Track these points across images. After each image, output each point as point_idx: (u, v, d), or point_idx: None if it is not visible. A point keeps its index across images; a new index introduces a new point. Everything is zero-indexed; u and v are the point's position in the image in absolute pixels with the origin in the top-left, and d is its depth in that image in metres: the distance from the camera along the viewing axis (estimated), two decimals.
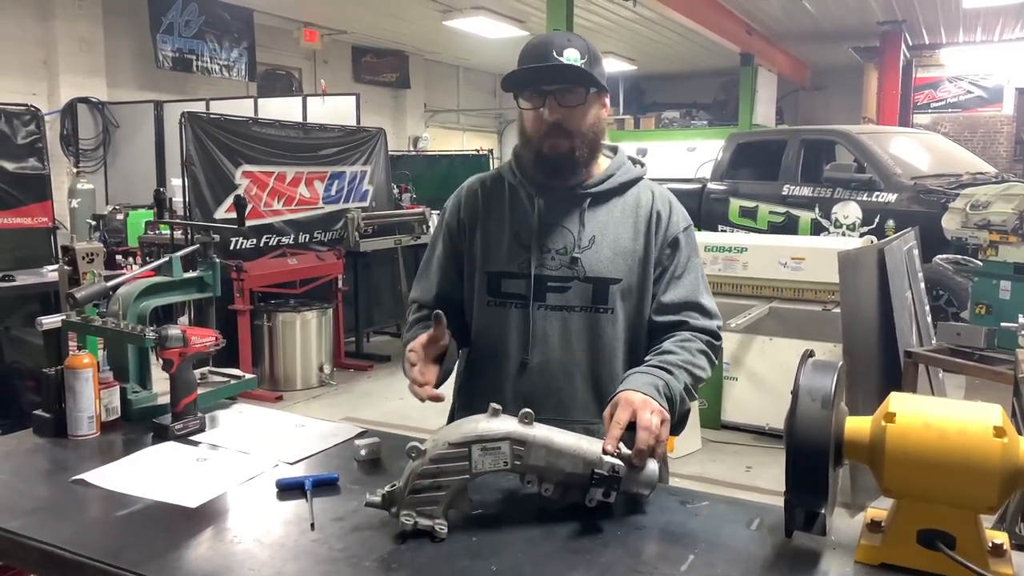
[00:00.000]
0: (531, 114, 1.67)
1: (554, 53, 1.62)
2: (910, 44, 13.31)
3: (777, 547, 1.33)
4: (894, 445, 1.19)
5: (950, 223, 6.59)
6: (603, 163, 1.77)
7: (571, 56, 1.63)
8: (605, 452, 1.38)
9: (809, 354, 1.33)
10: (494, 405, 1.41)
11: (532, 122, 1.67)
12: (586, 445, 1.39)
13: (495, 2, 10.59)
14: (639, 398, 1.47)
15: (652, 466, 1.41)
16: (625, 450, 1.39)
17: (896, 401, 1.23)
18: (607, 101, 1.73)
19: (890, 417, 1.20)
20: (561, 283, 1.69)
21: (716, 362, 1.73)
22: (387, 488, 1.39)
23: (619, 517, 1.43)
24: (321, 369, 6.05)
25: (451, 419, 1.74)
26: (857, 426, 1.27)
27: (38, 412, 1.92)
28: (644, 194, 1.76)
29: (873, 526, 1.29)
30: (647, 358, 1.66)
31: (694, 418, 4.61)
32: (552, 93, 1.63)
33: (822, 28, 12.70)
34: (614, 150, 1.81)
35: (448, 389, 1.88)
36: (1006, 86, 14.84)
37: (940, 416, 1.19)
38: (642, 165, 1.82)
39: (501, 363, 1.73)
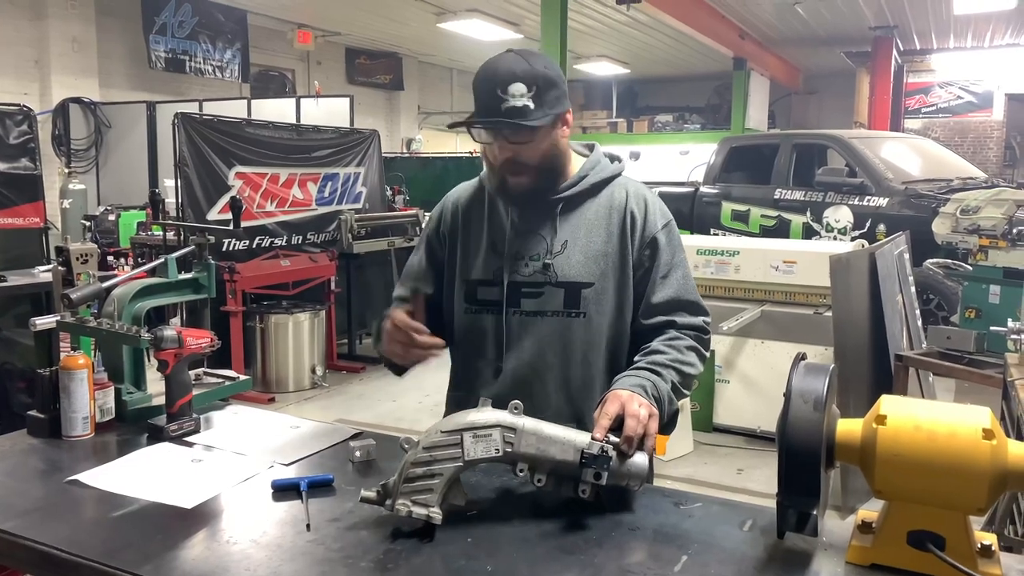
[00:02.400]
0: (486, 148, 1.67)
1: (499, 92, 1.57)
2: (902, 49, 13.39)
3: (769, 548, 1.34)
4: (885, 447, 1.20)
5: (940, 228, 6.63)
6: (577, 163, 1.76)
7: (516, 91, 1.57)
8: (594, 440, 1.41)
9: (802, 357, 1.34)
10: (484, 397, 1.45)
11: (489, 156, 1.68)
12: (575, 434, 1.43)
13: (489, 5, 10.61)
14: (627, 393, 1.50)
15: (641, 459, 1.42)
16: (614, 439, 1.42)
17: (887, 404, 1.24)
18: (568, 116, 1.68)
19: (881, 419, 1.22)
20: (535, 289, 1.69)
21: (706, 356, 1.74)
22: (382, 483, 1.41)
23: (613, 518, 1.44)
24: (313, 371, 6.04)
25: None
26: (849, 428, 1.28)
27: (32, 413, 1.92)
28: (618, 193, 1.74)
29: (864, 527, 1.31)
30: (636, 359, 1.67)
31: (686, 421, 4.63)
32: (500, 132, 1.61)
33: (815, 33, 12.77)
34: (591, 148, 1.80)
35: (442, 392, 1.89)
36: (996, 92, 14.94)
37: (930, 419, 1.20)
38: (620, 161, 1.80)
39: (478, 370, 1.74)
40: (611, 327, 1.71)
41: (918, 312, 5.11)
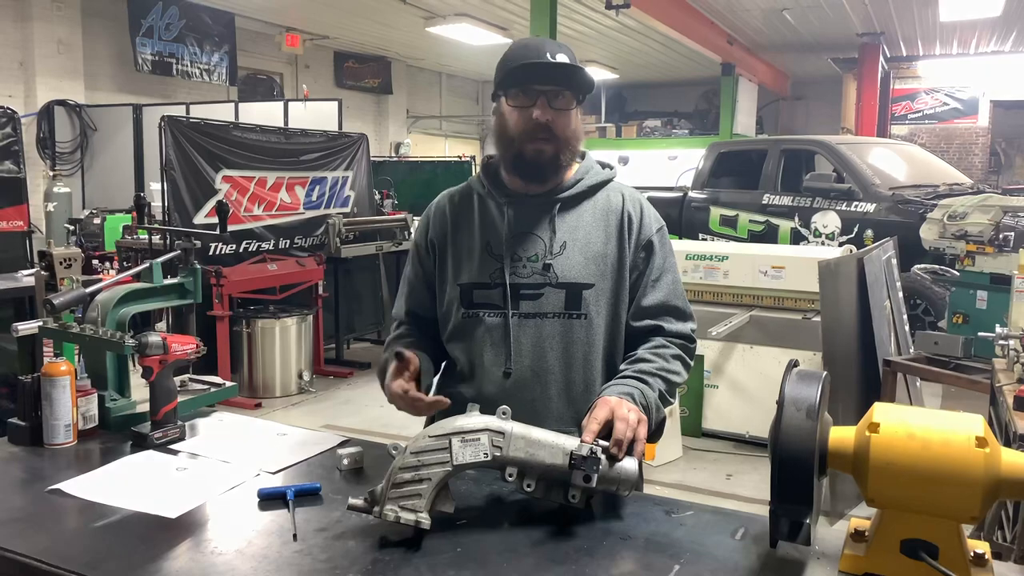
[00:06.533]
0: (517, 114, 1.66)
1: (548, 55, 1.64)
2: (888, 56, 13.49)
3: (762, 557, 1.33)
4: (878, 455, 1.19)
5: (928, 233, 6.67)
6: (572, 168, 1.78)
7: (563, 58, 1.65)
8: (583, 443, 1.40)
9: (794, 364, 1.33)
10: (472, 403, 1.45)
11: (518, 122, 1.66)
12: (564, 439, 1.42)
13: (478, 9, 10.61)
14: (615, 399, 1.50)
15: (631, 463, 1.42)
16: (603, 442, 1.41)
17: (880, 411, 1.24)
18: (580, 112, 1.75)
19: (874, 427, 1.21)
20: (534, 290, 1.68)
21: (691, 364, 1.75)
22: (369, 490, 1.39)
23: (603, 526, 1.43)
24: (300, 376, 6.00)
25: None
26: (841, 436, 1.27)
27: (13, 420, 1.88)
28: (614, 196, 1.76)
29: (857, 536, 1.30)
30: (622, 367, 1.67)
31: (675, 426, 4.63)
32: (544, 94, 1.63)
33: (802, 39, 12.84)
34: (582, 155, 1.81)
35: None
36: (981, 98, 15.04)
37: (924, 426, 1.20)
38: (611, 168, 1.82)
39: (476, 373, 1.72)
40: (608, 329, 1.71)
41: (905, 317, 5.13)
